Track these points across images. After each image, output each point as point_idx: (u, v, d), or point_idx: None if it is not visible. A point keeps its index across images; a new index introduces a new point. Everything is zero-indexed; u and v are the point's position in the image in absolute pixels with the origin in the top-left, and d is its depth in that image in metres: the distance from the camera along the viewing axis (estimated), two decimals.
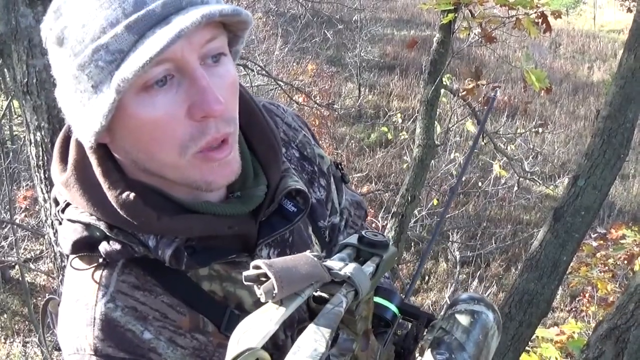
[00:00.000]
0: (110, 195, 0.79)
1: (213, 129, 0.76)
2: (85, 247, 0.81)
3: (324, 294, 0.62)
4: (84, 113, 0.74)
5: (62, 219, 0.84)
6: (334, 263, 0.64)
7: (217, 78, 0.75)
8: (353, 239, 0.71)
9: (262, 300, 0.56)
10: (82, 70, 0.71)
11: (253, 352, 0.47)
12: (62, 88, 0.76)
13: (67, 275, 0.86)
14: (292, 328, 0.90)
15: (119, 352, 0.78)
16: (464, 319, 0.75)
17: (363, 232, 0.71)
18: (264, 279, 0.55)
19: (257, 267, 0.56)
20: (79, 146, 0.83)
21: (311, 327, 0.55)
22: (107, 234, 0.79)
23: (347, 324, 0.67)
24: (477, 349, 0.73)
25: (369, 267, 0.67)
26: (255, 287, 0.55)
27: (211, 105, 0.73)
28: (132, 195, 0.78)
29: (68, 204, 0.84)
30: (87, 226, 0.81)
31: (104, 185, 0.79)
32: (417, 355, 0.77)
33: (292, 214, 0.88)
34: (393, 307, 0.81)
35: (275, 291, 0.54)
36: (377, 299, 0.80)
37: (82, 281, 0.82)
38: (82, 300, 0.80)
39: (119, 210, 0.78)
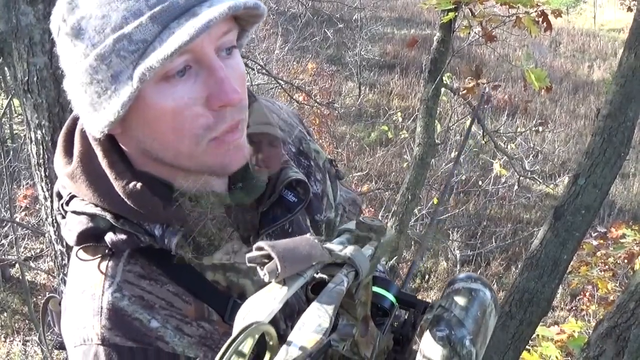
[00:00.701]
0: (117, 185, 0.80)
1: (229, 118, 0.78)
2: (90, 238, 0.82)
3: (324, 276, 0.63)
4: (100, 103, 0.75)
5: (65, 212, 0.85)
6: (334, 246, 0.65)
7: (231, 69, 0.78)
8: (351, 224, 0.73)
9: (266, 280, 0.57)
10: (101, 60, 0.72)
11: (258, 326, 0.48)
12: (73, 79, 0.77)
13: (72, 266, 0.86)
14: (292, 318, 0.90)
15: (127, 342, 0.78)
16: (462, 297, 0.75)
17: (361, 218, 0.72)
18: (266, 260, 0.56)
19: (260, 249, 0.57)
20: (84, 138, 0.84)
21: (314, 305, 0.56)
22: (113, 224, 0.80)
23: (347, 309, 0.68)
24: (476, 326, 0.74)
25: (368, 249, 0.68)
26: (259, 268, 0.56)
27: (229, 95, 0.75)
28: (139, 185, 0.79)
29: (72, 197, 0.85)
30: (93, 217, 0.82)
31: (111, 176, 0.81)
32: (416, 338, 0.78)
33: (293, 204, 0.90)
34: (390, 296, 0.82)
35: (279, 271, 0.55)
36: (375, 289, 0.81)
37: (88, 272, 0.83)
38: (88, 291, 0.81)
39: (125, 199, 0.79)
